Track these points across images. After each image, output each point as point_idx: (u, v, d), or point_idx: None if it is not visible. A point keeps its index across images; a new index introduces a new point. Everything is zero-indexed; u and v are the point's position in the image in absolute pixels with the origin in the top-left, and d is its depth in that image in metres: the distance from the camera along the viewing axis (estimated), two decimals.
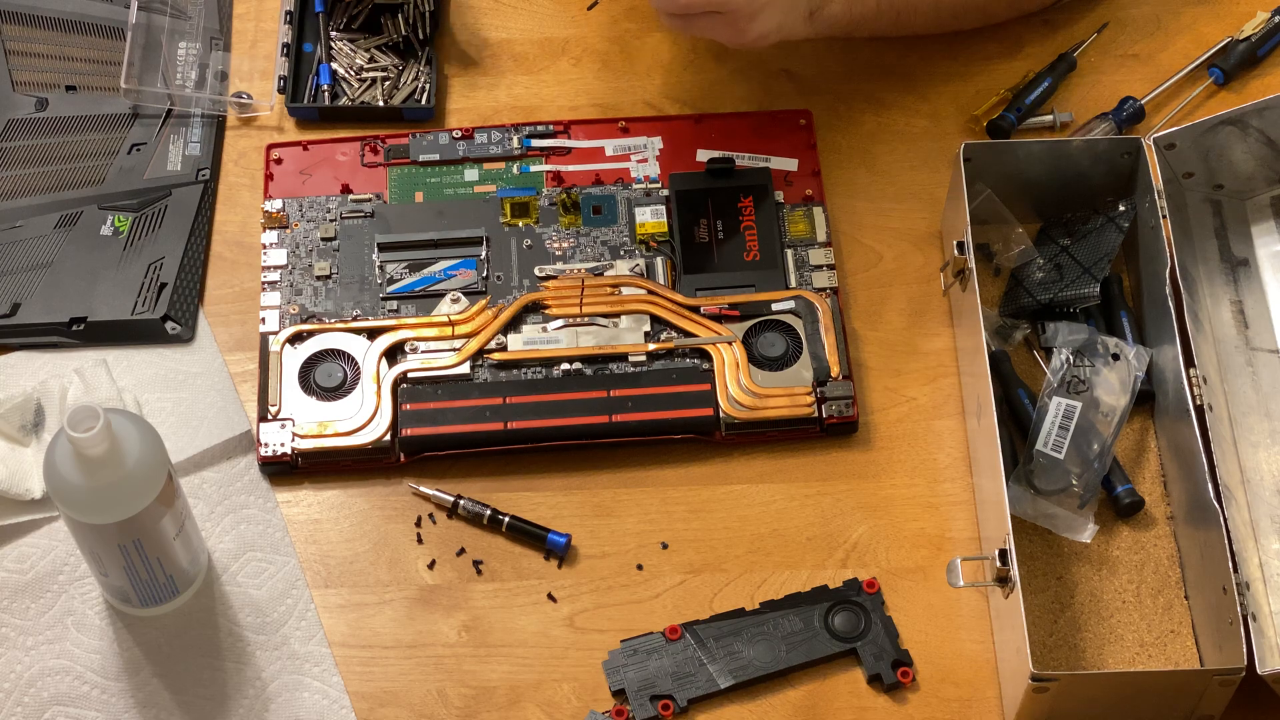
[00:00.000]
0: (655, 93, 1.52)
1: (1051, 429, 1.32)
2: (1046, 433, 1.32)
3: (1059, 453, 1.31)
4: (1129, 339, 1.36)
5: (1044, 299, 1.38)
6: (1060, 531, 1.30)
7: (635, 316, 1.39)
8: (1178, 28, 1.55)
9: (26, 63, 1.52)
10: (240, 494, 1.34)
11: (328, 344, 1.38)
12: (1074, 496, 1.30)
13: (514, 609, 1.30)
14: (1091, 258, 1.39)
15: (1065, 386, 1.33)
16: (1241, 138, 1.38)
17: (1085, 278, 1.38)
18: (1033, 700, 1.19)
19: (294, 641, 1.28)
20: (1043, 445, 1.32)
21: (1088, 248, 1.39)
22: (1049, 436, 1.32)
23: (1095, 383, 1.33)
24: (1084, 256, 1.39)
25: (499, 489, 1.34)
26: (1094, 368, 1.34)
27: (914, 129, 1.51)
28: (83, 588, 1.30)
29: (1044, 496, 1.31)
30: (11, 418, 1.33)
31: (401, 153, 1.47)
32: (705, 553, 1.32)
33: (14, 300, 1.40)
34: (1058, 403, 1.32)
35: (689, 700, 1.26)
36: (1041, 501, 1.30)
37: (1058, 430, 1.31)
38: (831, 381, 1.36)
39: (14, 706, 1.26)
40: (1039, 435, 1.32)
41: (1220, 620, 1.23)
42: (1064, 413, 1.32)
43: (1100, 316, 1.39)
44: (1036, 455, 1.31)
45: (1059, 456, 1.31)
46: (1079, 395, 1.33)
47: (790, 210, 1.44)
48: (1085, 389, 1.33)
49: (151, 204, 1.45)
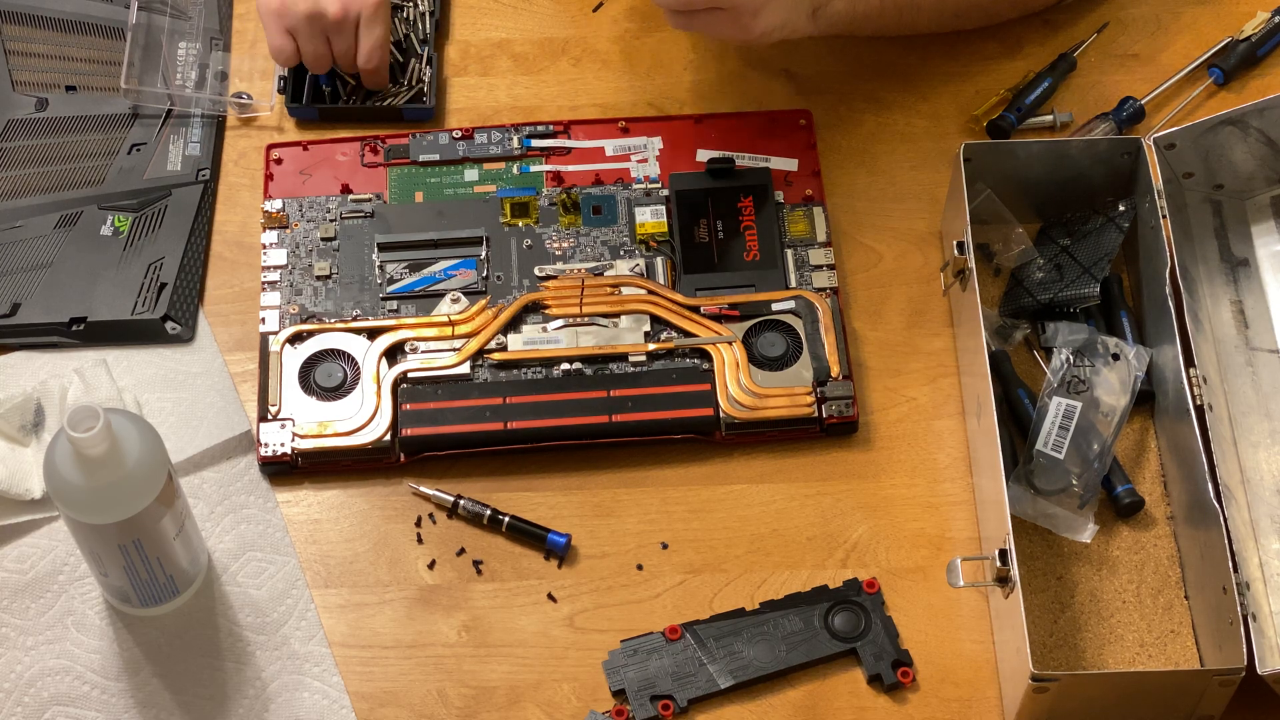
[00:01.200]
0: (655, 93, 1.52)
1: (1051, 429, 1.32)
2: (1046, 433, 1.32)
3: (1059, 453, 1.31)
4: (1129, 339, 1.36)
5: (1044, 299, 1.38)
6: (1060, 531, 1.30)
7: (635, 316, 1.39)
8: (1178, 28, 1.55)
9: (26, 63, 1.52)
10: (240, 494, 1.34)
11: (328, 344, 1.38)
12: (1074, 496, 1.30)
13: (514, 609, 1.30)
14: (1091, 258, 1.39)
15: (1065, 386, 1.33)
16: (1242, 138, 1.38)
17: (1085, 278, 1.38)
18: (1033, 700, 1.19)
19: (294, 641, 1.28)
20: (1043, 445, 1.32)
21: (1088, 248, 1.39)
22: (1049, 436, 1.32)
23: (1095, 383, 1.33)
24: (1084, 256, 1.39)
25: (499, 489, 1.34)
26: (1094, 368, 1.34)
27: (914, 129, 1.51)
28: (83, 588, 1.30)
29: (1044, 497, 1.31)
30: (11, 418, 1.33)
31: (401, 153, 1.47)
32: (705, 553, 1.32)
33: (14, 300, 1.40)
34: (1058, 403, 1.32)
35: (689, 700, 1.26)
36: (1042, 501, 1.30)
37: (1058, 430, 1.31)
38: (831, 381, 1.36)
39: (14, 706, 1.26)
40: (1039, 435, 1.32)
41: (1220, 620, 1.22)
42: (1064, 413, 1.32)
43: (1100, 316, 1.39)
44: (1036, 455, 1.31)
45: (1059, 456, 1.31)
46: (1079, 395, 1.33)
47: (790, 210, 1.44)
48: (1085, 389, 1.33)
49: (151, 204, 1.45)
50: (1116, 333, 1.37)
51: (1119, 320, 1.38)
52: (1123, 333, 1.37)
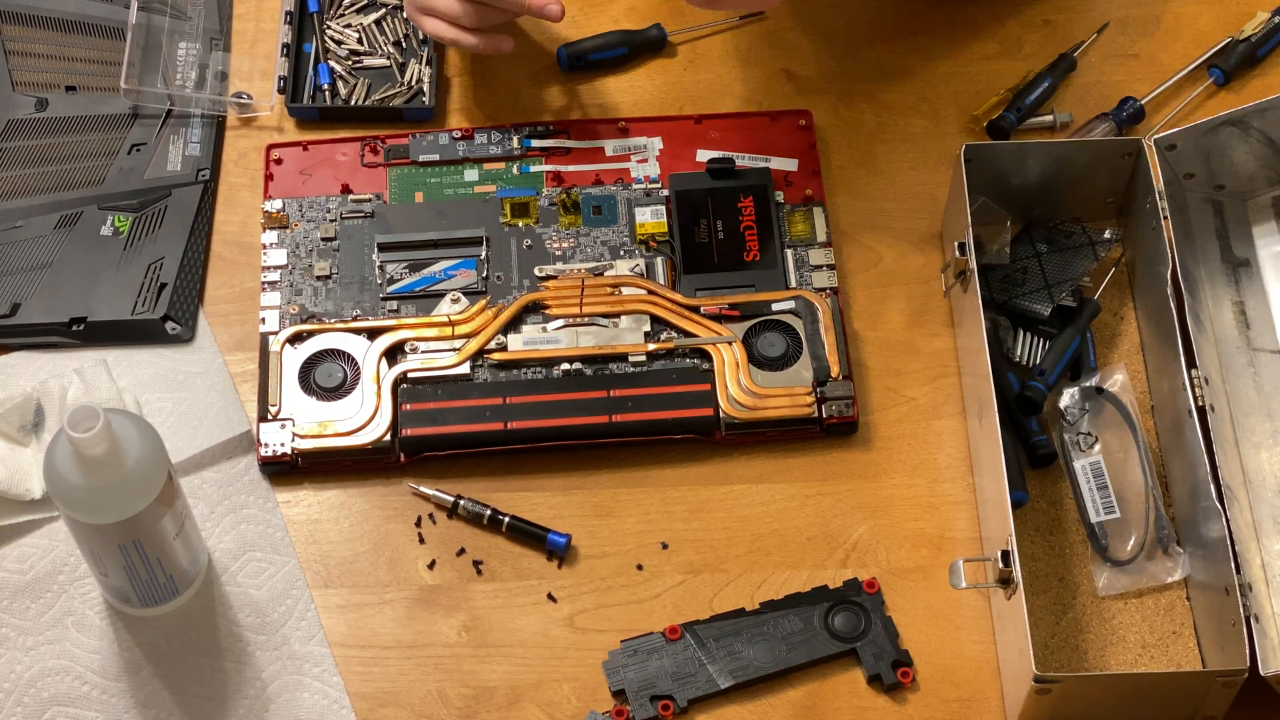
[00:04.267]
0: (655, 93, 1.52)
1: (1093, 495, 1.30)
2: (1091, 501, 1.30)
3: (1114, 513, 1.30)
4: (1091, 361, 1.36)
5: (1000, 299, 1.38)
6: (1167, 579, 1.28)
7: (635, 316, 1.39)
8: (1178, 28, 1.55)
9: (26, 63, 1.52)
10: (240, 494, 1.34)
11: (328, 344, 1.38)
12: (1153, 544, 1.29)
13: (514, 609, 1.30)
14: (1057, 275, 1.39)
15: (1078, 447, 1.32)
16: (1242, 138, 1.38)
17: (1043, 293, 1.38)
18: (1035, 701, 1.19)
19: (294, 641, 1.28)
20: (1096, 515, 1.30)
21: (1059, 263, 1.39)
22: (1095, 504, 1.30)
23: (1099, 426, 1.32)
24: (1051, 271, 1.39)
25: (499, 489, 1.34)
26: (1088, 410, 1.33)
27: (914, 129, 1.51)
28: (83, 588, 1.30)
29: (1132, 564, 1.29)
30: (11, 418, 1.33)
31: (401, 153, 1.47)
32: (705, 553, 1.32)
33: (14, 300, 1.40)
34: (1081, 466, 1.31)
35: (689, 700, 1.26)
36: (1133, 570, 1.28)
37: (1099, 493, 1.30)
38: (831, 381, 1.36)
39: (14, 706, 1.25)
40: (1086, 508, 1.30)
41: (1223, 621, 1.22)
42: (1093, 473, 1.31)
43: (1060, 332, 1.38)
44: (1097, 529, 1.30)
45: (1117, 516, 1.30)
46: (1094, 449, 1.32)
47: (790, 210, 1.44)
48: (1094, 439, 1.32)
49: (151, 204, 1.45)
50: (1080, 353, 1.37)
51: (1086, 346, 1.37)
52: (1086, 355, 1.37)
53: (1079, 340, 1.37)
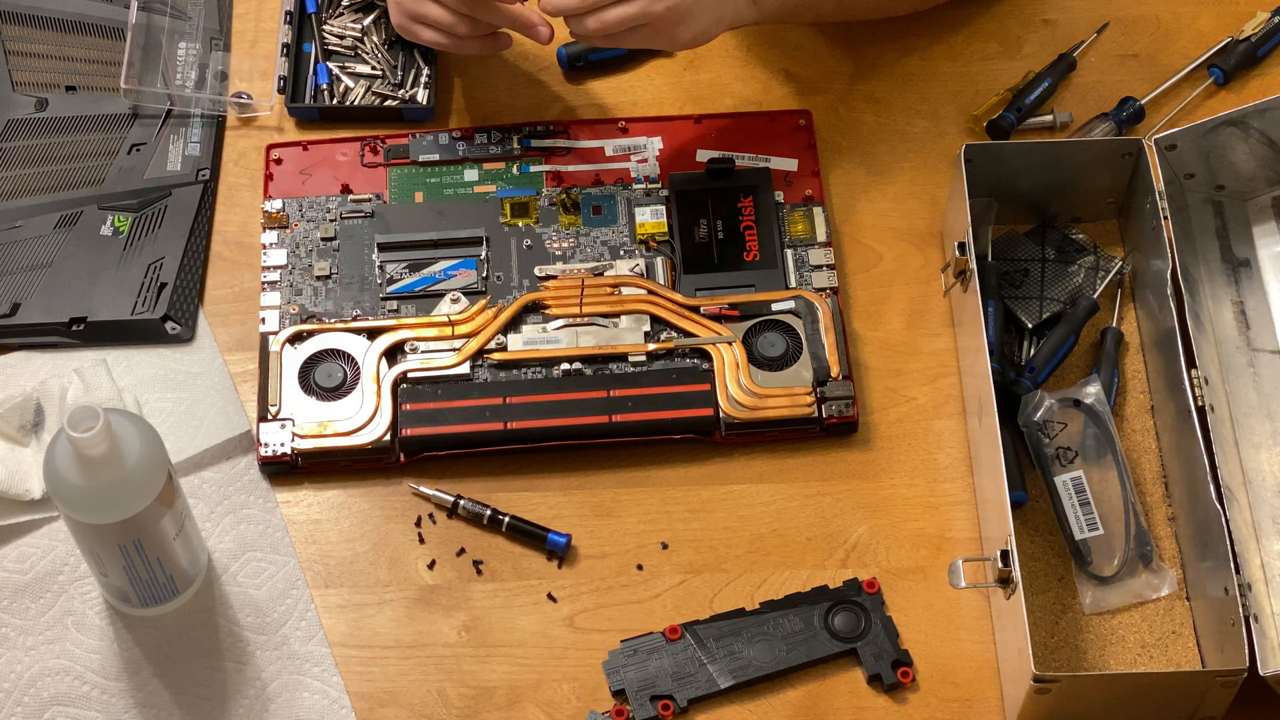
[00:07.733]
0: (655, 93, 1.52)
1: (1075, 511, 1.30)
2: (1074, 518, 1.30)
3: (1097, 529, 1.30)
4: (1113, 399, 1.36)
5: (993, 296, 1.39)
6: (1153, 596, 1.29)
7: (635, 316, 1.39)
8: (1178, 28, 1.55)
9: (26, 63, 1.52)
10: (240, 494, 1.34)
11: (328, 344, 1.38)
12: (1137, 559, 1.29)
13: (514, 609, 1.30)
14: (1053, 289, 1.39)
15: (1058, 462, 1.32)
16: (1243, 138, 1.38)
17: (1034, 303, 1.38)
18: (1034, 701, 1.19)
19: (294, 641, 1.28)
20: (1080, 532, 1.30)
21: (1058, 275, 1.39)
22: (1078, 520, 1.30)
23: (1079, 440, 1.32)
24: (1049, 282, 1.39)
25: (499, 489, 1.34)
26: (1065, 426, 1.33)
27: (914, 129, 1.51)
28: (83, 588, 1.30)
29: (1118, 580, 1.29)
30: (11, 418, 1.33)
31: (401, 153, 1.47)
32: (705, 553, 1.32)
33: (14, 300, 1.40)
34: (1062, 482, 1.31)
35: (689, 700, 1.26)
36: (1119, 586, 1.28)
37: (1081, 508, 1.30)
38: (831, 381, 1.36)
39: (14, 706, 1.25)
40: (1069, 525, 1.30)
41: (1222, 621, 1.22)
42: (1075, 489, 1.31)
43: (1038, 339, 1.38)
44: (1081, 546, 1.30)
45: (1101, 532, 1.30)
46: (1074, 463, 1.32)
47: (790, 210, 1.44)
48: (1075, 452, 1.32)
49: (151, 204, 1.45)
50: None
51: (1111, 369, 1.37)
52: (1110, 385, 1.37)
53: (1074, 340, 1.37)
